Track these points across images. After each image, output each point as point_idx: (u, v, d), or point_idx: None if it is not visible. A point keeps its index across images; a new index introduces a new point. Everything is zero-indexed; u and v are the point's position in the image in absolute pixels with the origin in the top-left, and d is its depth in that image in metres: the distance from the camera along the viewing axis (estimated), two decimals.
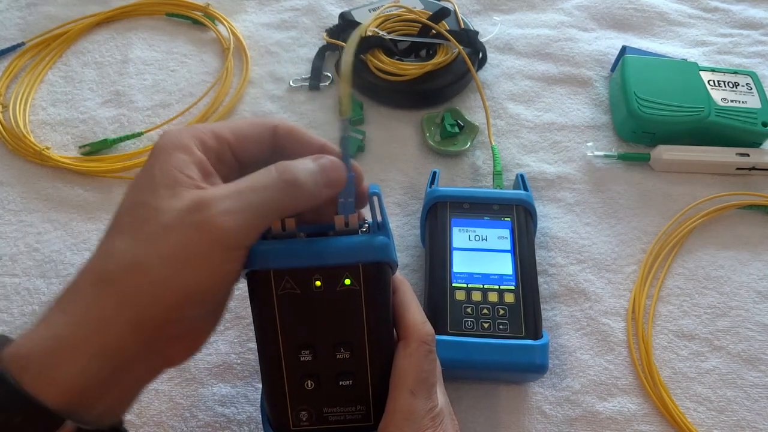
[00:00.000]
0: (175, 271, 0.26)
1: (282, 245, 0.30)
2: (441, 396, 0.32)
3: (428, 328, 0.32)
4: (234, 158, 0.30)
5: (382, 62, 0.59)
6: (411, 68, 0.58)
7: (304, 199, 0.29)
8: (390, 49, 0.60)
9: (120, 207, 0.28)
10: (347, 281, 0.30)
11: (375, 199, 0.30)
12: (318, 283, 0.30)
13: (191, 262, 0.26)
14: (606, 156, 0.57)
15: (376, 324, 0.31)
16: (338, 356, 0.31)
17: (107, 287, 0.26)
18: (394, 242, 0.31)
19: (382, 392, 0.31)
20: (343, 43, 0.61)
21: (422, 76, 0.59)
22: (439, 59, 0.59)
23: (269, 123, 0.31)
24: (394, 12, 0.63)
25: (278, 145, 0.31)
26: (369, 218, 0.31)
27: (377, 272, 0.30)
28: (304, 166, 0.29)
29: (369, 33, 0.60)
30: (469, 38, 0.61)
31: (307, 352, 0.30)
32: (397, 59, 0.59)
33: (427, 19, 0.61)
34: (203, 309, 0.28)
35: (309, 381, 0.31)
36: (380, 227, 0.31)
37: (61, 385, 0.25)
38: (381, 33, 0.60)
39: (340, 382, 0.31)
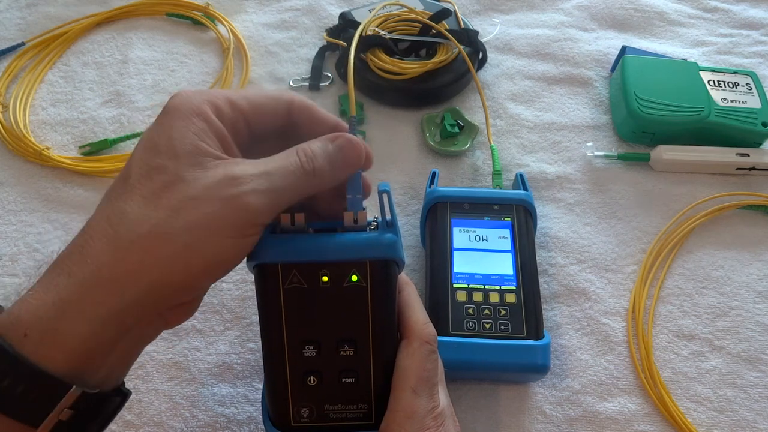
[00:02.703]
0: (199, 241, 0.26)
1: (290, 239, 0.30)
2: (443, 397, 0.32)
3: (431, 328, 0.32)
4: (247, 128, 0.30)
5: (382, 61, 0.59)
6: (411, 67, 0.58)
7: (324, 183, 0.29)
8: (390, 48, 0.60)
9: (131, 167, 0.27)
10: (354, 278, 0.30)
11: (384, 196, 0.30)
12: (325, 278, 0.30)
13: (217, 235, 0.26)
14: (606, 156, 0.57)
15: (381, 322, 0.31)
16: (342, 353, 0.31)
17: (124, 251, 0.25)
18: (402, 241, 0.31)
19: (385, 392, 0.31)
20: (343, 43, 0.61)
21: (422, 75, 0.59)
22: (440, 58, 0.59)
23: (285, 97, 0.31)
24: (395, 12, 0.63)
25: (292, 121, 0.31)
26: (378, 216, 0.31)
27: (384, 270, 0.30)
28: (323, 151, 0.29)
29: (369, 32, 0.60)
30: (469, 38, 0.61)
31: (311, 347, 0.31)
32: (398, 59, 0.59)
33: (428, 20, 0.61)
34: (216, 279, 0.29)
35: (312, 377, 0.31)
36: (389, 225, 0.31)
37: (67, 351, 0.25)
38: (381, 32, 0.60)
39: (343, 379, 0.31)
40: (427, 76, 0.59)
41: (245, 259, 0.30)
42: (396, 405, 0.30)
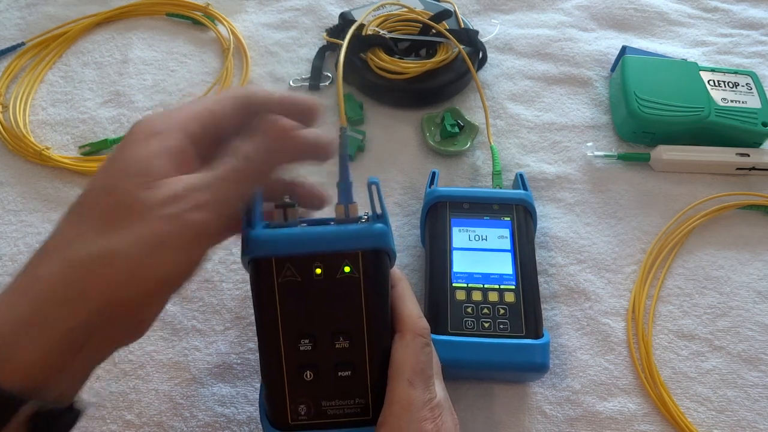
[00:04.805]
0: (148, 259, 0.26)
1: (283, 232, 0.30)
2: (440, 390, 0.32)
3: (424, 322, 0.32)
4: (212, 136, 0.31)
5: (382, 61, 0.59)
6: (412, 66, 0.58)
7: (270, 173, 0.30)
8: (390, 48, 0.60)
9: (88, 190, 0.28)
10: (347, 269, 0.30)
11: (374, 188, 0.31)
12: (318, 270, 0.30)
13: (164, 252, 0.26)
14: (606, 156, 0.57)
15: (375, 313, 0.31)
16: (337, 345, 0.31)
17: (77, 271, 0.26)
18: (393, 235, 0.32)
19: (381, 386, 0.31)
20: (343, 42, 0.61)
21: (422, 74, 0.59)
22: (440, 57, 0.59)
23: (240, 95, 0.31)
24: (395, 12, 0.63)
25: (259, 113, 0.32)
26: (369, 212, 0.32)
27: (376, 260, 0.31)
28: (256, 145, 0.29)
29: (370, 32, 0.60)
30: (469, 37, 0.61)
31: (307, 341, 0.31)
32: (398, 58, 0.59)
33: (428, 20, 0.61)
34: (169, 295, 0.29)
35: (308, 371, 0.31)
36: (379, 217, 0.31)
37: (22, 368, 0.25)
38: (382, 32, 0.60)
39: (339, 373, 0.31)
40: (427, 75, 0.59)
41: (240, 255, 0.30)
42: (392, 397, 0.30)
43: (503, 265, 0.45)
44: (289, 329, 0.31)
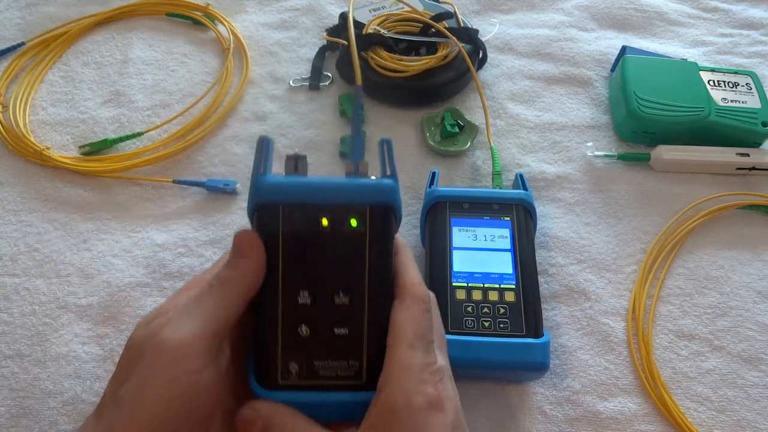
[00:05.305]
0: (158, 404, 0.28)
1: (292, 180, 0.30)
2: (441, 358, 0.31)
3: (425, 289, 0.32)
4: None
5: (383, 59, 0.59)
6: (413, 64, 0.58)
7: (243, 283, 0.30)
8: (391, 47, 0.60)
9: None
10: (353, 222, 0.30)
11: (385, 146, 0.31)
12: (325, 221, 0.30)
13: (162, 389, 0.28)
14: (606, 156, 0.57)
15: (377, 271, 0.31)
16: (337, 301, 0.30)
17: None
18: (401, 197, 0.32)
19: (376, 352, 0.31)
20: (344, 42, 0.61)
21: (423, 73, 0.59)
22: (442, 53, 0.59)
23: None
24: (395, 11, 0.63)
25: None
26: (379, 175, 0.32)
27: (383, 216, 0.30)
28: (224, 263, 0.30)
29: (371, 31, 0.60)
30: (469, 36, 0.61)
31: (306, 293, 0.30)
32: (398, 58, 0.59)
33: (429, 20, 0.61)
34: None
35: (304, 326, 0.30)
36: (390, 175, 0.31)
37: None
38: (382, 31, 0.60)
39: (336, 330, 0.31)
40: (427, 73, 0.59)
41: (247, 205, 0.31)
42: (391, 359, 0.29)
43: (503, 264, 0.45)
44: (290, 280, 0.30)
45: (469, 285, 0.44)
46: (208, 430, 0.30)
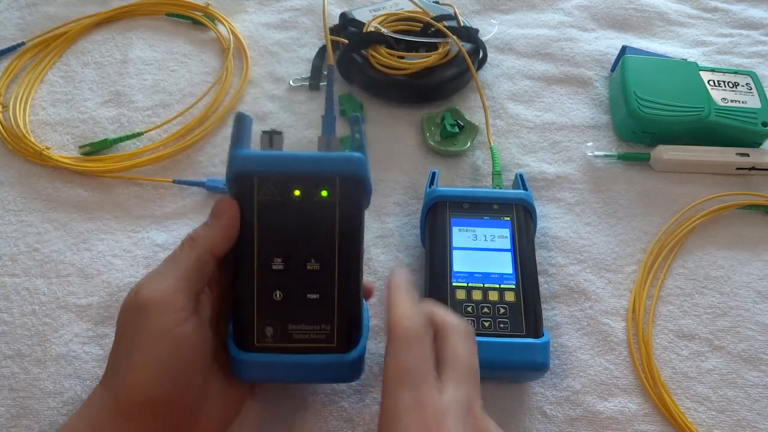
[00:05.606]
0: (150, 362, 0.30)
1: (266, 153, 0.33)
2: (455, 390, 0.29)
3: (410, 322, 0.30)
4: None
5: (383, 57, 0.59)
6: (413, 62, 0.58)
7: (218, 241, 0.33)
8: (391, 45, 0.60)
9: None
10: (324, 193, 0.32)
11: (355, 123, 0.34)
12: (297, 192, 0.32)
13: (152, 343, 0.30)
14: (606, 156, 0.57)
15: (347, 239, 0.33)
16: (308, 267, 0.32)
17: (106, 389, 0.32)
18: (371, 173, 0.34)
19: (347, 315, 0.33)
20: (344, 40, 0.61)
21: (424, 70, 0.59)
22: (443, 51, 0.59)
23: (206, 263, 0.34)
24: (395, 11, 0.63)
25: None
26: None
27: (352, 187, 0.32)
28: (203, 224, 0.33)
29: (371, 29, 0.60)
30: (469, 35, 0.61)
31: (280, 260, 0.32)
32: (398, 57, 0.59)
33: (429, 19, 0.61)
34: (188, 378, 0.31)
35: (278, 291, 0.32)
36: (359, 149, 0.33)
37: None
38: (383, 29, 0.60)
39: (308, 296, 0.32)
40: (428, 71, 0.59)
41: (225, 177, 0.33)
42: (382, 402, 0.29)
43: (503, 264, 0.45)
44: (264, 248, 0.32)
45: (469, 285, 0.44)
46: (205, 382, 0.32)
